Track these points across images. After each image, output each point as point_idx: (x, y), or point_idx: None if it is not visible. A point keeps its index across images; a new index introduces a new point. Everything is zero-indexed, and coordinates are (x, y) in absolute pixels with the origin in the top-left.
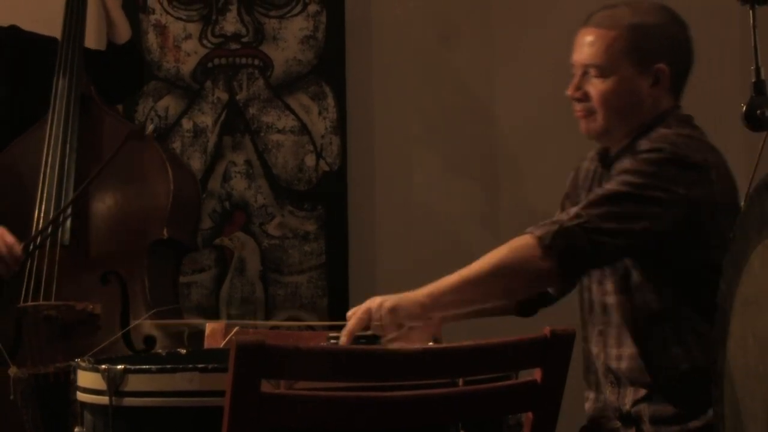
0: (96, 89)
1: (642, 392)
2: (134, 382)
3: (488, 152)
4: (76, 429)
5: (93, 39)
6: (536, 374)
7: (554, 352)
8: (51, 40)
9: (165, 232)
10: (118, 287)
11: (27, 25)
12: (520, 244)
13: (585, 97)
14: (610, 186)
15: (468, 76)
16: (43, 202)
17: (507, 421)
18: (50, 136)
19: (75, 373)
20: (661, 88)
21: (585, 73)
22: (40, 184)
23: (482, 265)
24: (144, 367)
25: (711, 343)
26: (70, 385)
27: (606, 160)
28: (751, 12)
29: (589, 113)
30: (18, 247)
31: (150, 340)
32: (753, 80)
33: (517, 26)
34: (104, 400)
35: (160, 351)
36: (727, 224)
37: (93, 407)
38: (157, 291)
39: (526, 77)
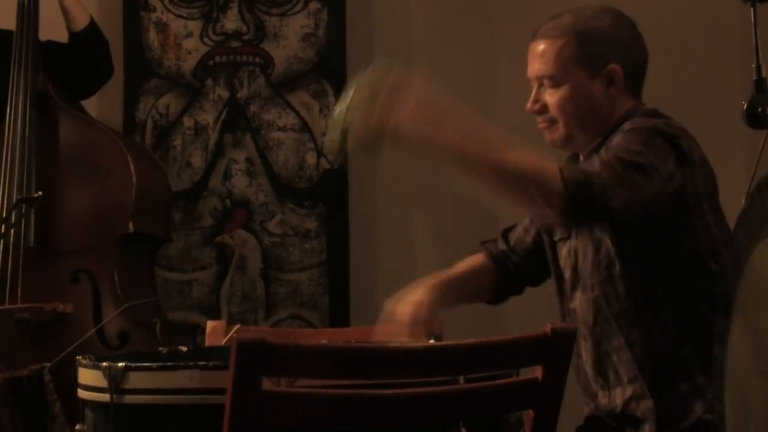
0: (60, 85)
1: (630, 390)
2: (135, 380)
3: None
4: (77, 427)
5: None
6: (537, 372)
7: (555, 349)
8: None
9: (131, 225)
10: (89, 285)
11: None
12: (551, 161)
13: (544, 109)
14: (603, 157)
15: (468, 76)
16: (4, 205)
17: (508, 419)
18: (8, 136)
19: (48, 374)
20: (617, 88)
21: (541, 85)
22: (0, 186)
23: (512, 156)
24: (145, 364)
25: (712, 341)
26: (46, 386)
27: None
28: (752, 10)
29: (551, 123)
30: None
31: (124, 336)
32: (754, 78)
33: (516, 25)
34: (105, 397)
35: (161, 349)
36: (709, 210)
37: (94, 405)
38: (128, 286)
39: (526, 77)
